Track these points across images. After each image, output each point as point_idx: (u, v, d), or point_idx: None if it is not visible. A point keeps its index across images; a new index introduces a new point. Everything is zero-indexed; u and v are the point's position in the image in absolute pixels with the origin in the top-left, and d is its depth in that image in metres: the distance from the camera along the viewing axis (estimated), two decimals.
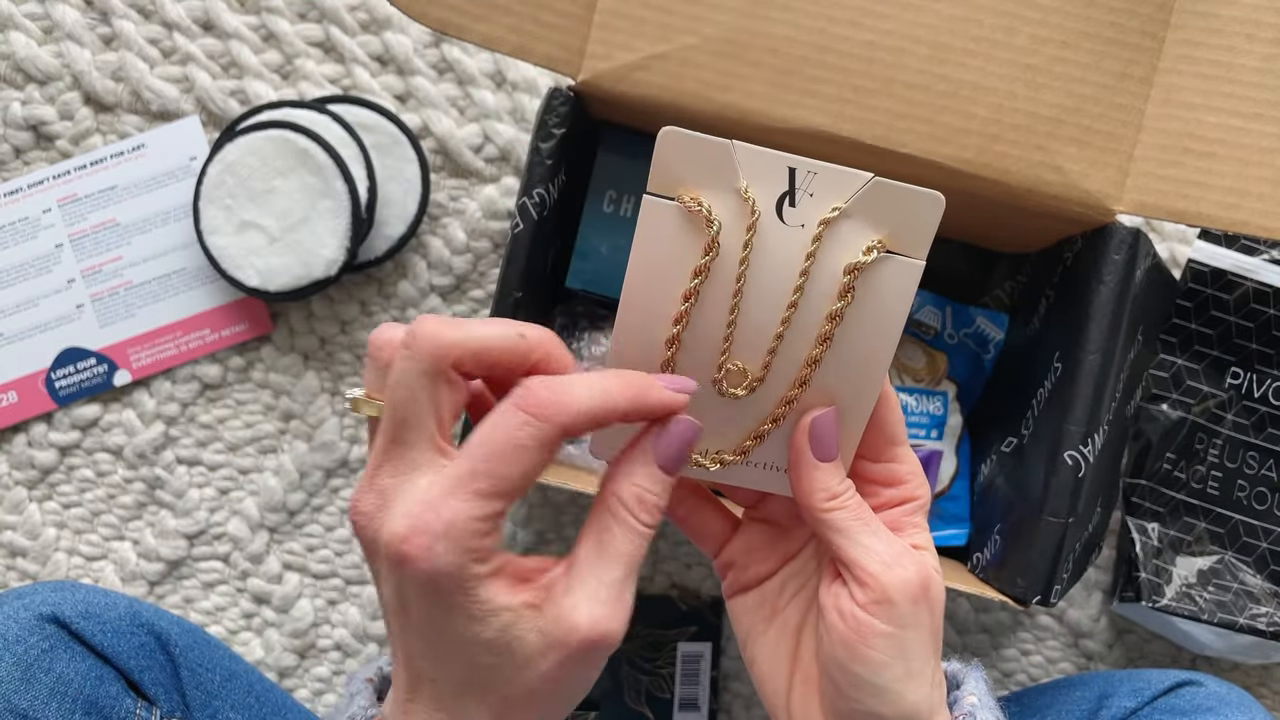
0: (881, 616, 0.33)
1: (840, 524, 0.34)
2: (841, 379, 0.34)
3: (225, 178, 0.64)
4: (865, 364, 0.34)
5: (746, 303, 0.33)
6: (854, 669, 0.34)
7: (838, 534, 0.34)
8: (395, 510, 0.29)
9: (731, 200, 0.32)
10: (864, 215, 0.32)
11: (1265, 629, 0.64)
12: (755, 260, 0.33)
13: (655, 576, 0.70)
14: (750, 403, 0.35)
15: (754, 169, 0.32)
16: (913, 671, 0.34)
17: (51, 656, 0.44)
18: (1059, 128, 0.50)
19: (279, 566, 0.70)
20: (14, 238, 0.67)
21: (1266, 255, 0.66)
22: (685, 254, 0.33)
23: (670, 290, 0.33)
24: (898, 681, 0.34)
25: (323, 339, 0.69)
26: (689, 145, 0.32)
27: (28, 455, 0.69)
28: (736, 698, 0.71)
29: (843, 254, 0.33)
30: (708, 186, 0.32)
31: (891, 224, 0.32)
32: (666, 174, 0.32)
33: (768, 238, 0.33)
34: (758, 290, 0.33)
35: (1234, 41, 0.49)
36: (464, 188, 0.68)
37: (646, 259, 0.33)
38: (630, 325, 0.34)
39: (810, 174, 0.32)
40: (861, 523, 0.35)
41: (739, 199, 0.32)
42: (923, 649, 0.34)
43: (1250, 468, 0.67)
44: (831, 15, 0.49)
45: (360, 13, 0.68)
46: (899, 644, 0.34)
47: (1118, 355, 0.53)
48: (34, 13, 0.67)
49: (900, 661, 0.34)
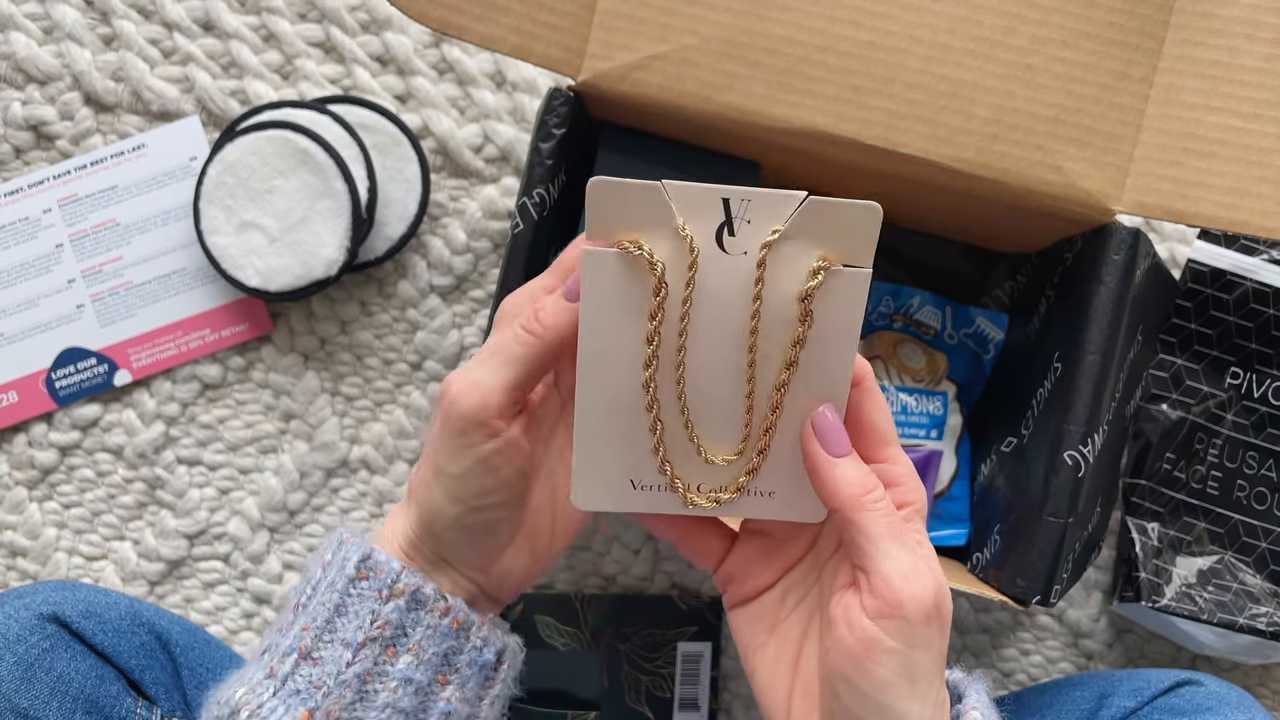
0: (892, 632, 0.33)
1: (870, 528, 0.34)
2: (810, 396, 0.35)
3: (225, 178, 0.64)
4: (831, 377, 0.35)
5: (703, 336, 0.34)
6: (859, 684, 0.33)
7: (866, 539, 0.34)
8: None
9: (672, 240, 0.33)
10: (804, 234, 0.32)
11: (1265, 629, 0.64)
12: (704, 295, 0.33)
13: (655, 576, 0.70)
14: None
15: (689, 205, 0.32)
16: (918, 691, 0.33)
17: (52, 656, 0.44)
18: (1059, 128, 0.50)
19: (279, 566, 0.70)
20: (14, 238, 0.67)
21: (1266, 255, 0.66)
22: (635, 298, 0.33)
23: (627, 337, 0.34)
24: (901, 700, 0.33)
25: (323, 339, 0.69)
26: (620, 192, 0.32)
27: (28, 455, 0.69)
28: (736, 698, 0.71)
29: (791, 274, 0.33)
30: (646, 230, 0.32)
31: (833, 239, 0.33)
32: (602, 223, 0.32)
33: (713, 270, 0.33)
34: (713, 323, 0.34)
35: (1234, 41, 0.49)
36: (464, 188, 0.68)
37: (598, 311, 0.33)
38: (593, 379, 0.34)
39: (745, 201, 0.32)
40: (890, 530, 0.34)
41: (678, 237, 0.32)
42: (929, 668, 0.34)
43: (1250, 468, 0.67)
44: (831, 15, 0.49)
45: (360, 13, 0.68)
46: (906, 662, 0.33)
47: (1117, 355, 0.53)
48: (34, 13, 0.67)
49: (905, 681, 0.33)
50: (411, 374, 0.69)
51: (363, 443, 0.69)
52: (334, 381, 0.69)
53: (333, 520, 0.70)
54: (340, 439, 0.69)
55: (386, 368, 0.69)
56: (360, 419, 0.69)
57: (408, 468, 0.70)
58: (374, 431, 0.69)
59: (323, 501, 0.70)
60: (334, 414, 0.69)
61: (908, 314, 0.66)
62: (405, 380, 0.69)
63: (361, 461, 0.70)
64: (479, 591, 0.40)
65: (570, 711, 0.67)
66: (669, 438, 0.35)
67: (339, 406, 0.69)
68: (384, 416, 0.69)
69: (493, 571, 0.40)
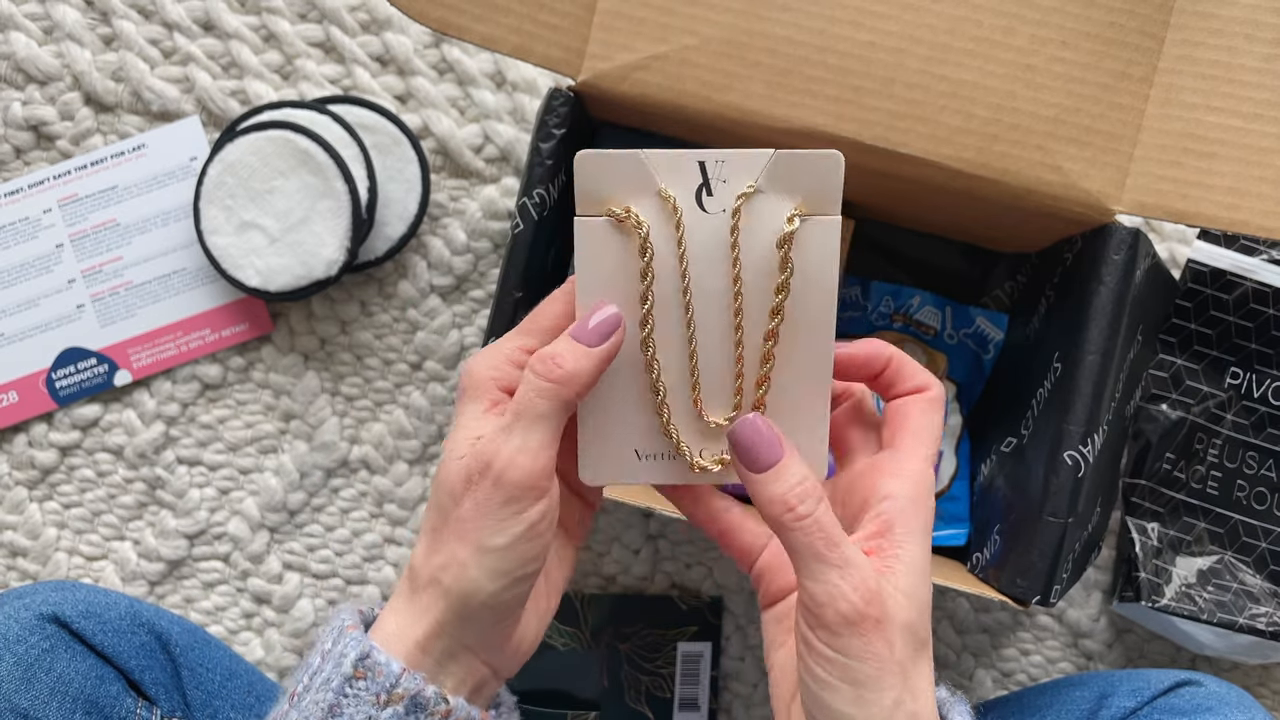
0: (826, 642, 0.33)
1: (795, 543, 0.33)
2: (797, 347, 0.36)
3: (225, 178, 0.64)
4: (815, 327, 0.36)
5: (694, 295, 0.36)
6: (809, 685, 0.34)
7: (794, 554, 0.34)
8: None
9: (655, 203, 0.35)
10: (776, 188, 0.35)
11: (1265, 629, 0.64)
12: (690, 254, 0.35)
13: (655, 576, 0.70)
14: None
15: (668, 170, 0.35)
16: (864, 699, 0.33)
17: (52, 656, 0.44)
18: (1059, 128, 0.50)
19: (279, 566, 0.70)
20: (14, 238, 0.67)
21: (1266, 255, 0.66)
22: (626, 262, 0.35)
23: (622, 302, 0.35)
24: (848, 705, 0.33)
25: (323, 339, 0.69)
26: (604, 162, 0.35)
27: (28, 455, 0.69)
28: (736, 698, 0.71)
29: (768, 227, 0.35)
30: (631, 197, 0.35)
31: (803, 190, 0.35)
32: (590, 195, 0.35)
33: (695, 229, 0.35)
34: (699, 280, 0.35)
35: (1234, 41, 0.49)
36: (464, 188, 0.68)
37: (592, 276, 0.36)
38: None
39: (719, 163, 0.35)
40: (813, 546, 0.33)
41: (660, 200, 0.35)
42: (877, 677, 0.33)
43: (1250, 468, 0.67)
44: (831, 15, 0.49)
45: (360, 13, 0.68)
46: (846, 671, 0.33)
47: (1117, 355, 0.53)
48: (34, 13, 0.67)
49: (849, 687, 0.33)
50: (411, 374, 0.69)
51: (363, 443, 0.69)
52: (334, 381, 0.69)
53: (332, 520, 0.70)
54: (340, 439, 0.69)
55: (386, 368, 0.69)
56: (360, 419, 0.69)
57: (407, 468, 0.70)
58: (374, 431, 0.69)
59: (323, 501, 0.70)
60: (334, 414, 0.69)
61: (908, 314, 0.66)
62: (405, 380, 0.69)
63: (361, 461, 0.70)
64: (490, 672, 0.38)
65: (570, 711, 0.67)
66: (672, 400, 0.36)
67: (339, 406, 0.69)
68: (384, 416, 0.69)
69: (508, 647, 0.38)
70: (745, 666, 0.70)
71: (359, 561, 0.70)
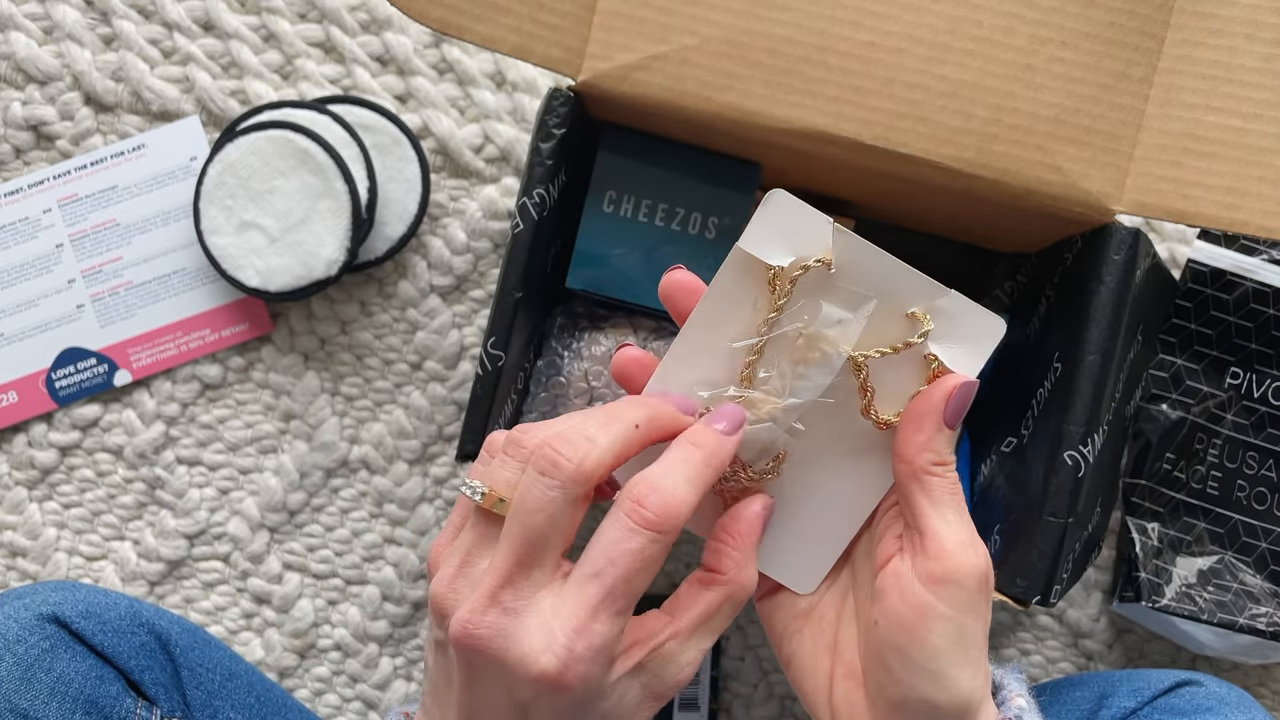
0: (945, 598, 0.33)
1: (935, 490, 0.34)
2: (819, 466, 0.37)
3: (225, 178, 0.64)
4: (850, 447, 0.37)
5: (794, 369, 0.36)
6: (911, 653, 0.34)
7: (928, 500, 0.34)
8: (535, 639, 0.30)
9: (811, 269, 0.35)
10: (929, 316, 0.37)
11: (1265, 629, 0.64)
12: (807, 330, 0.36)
13: (655, 576, 0.70)
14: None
15: (845, 253, 0.36)
16: (970, 658, 0.34)
17: (52, 656, 0.44)
18: (1059, 128, 0.50)
19: (279, 566, 0.70)
20: (14, 238, 0.67)
21: (1266, 255, 0.66)
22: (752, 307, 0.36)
23: (727, 332, 0.36)
24: (954, 667, 0.33)
25: (323, 339, 0.69)
26: (793, 211, 0.35)
27: (28, 455, 0.69)
28: (736, 698, 0.71)
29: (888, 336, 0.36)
30: (798, 252, 0.35)
31: (956, 338, 0.36)
32: (764, 234, 0.35)
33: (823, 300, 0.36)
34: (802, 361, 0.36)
35: (1234, 41, 0.49)
36: (464, 188, 0.68)
37: (717, 297, 0.36)
38: (681, 354, 0.37)
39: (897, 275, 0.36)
40: (954, 498, 0.34)
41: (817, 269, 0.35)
42: (979, 637, 0.34)
43: (1250, 468, 0.67)
44: (831, 15, 0.49)
45: (360, 13, 0.68)
46: (959, 629, 0.33)
47: (1117, 355, 0.53)
48: (34, 13, 0.67)
49: (959, 648, 0.33)
50: (411, 374, 0.69)
51: (363, 443, 0.69)
52: (334, 381, 0.69)
53: (332, 520, 0.70)
54: (340, 439, 0.69)
55: (386, 368, 0.69)
56: (360, 419, 0.69)
57: (407, 468, 0.70)
58: (374, 431, 0.69)
59: (323, 501, 0.70)
60: (334, 414, 0.69)
61: None
62: (405, 380, 0.69)
63: (361, 461, 0.70)
64: None
65: None
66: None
67: (339, 406, 0.69)
68: (384, 416, 0.69)
69: None
70: (745, 666, 0.70)
71: (359, 561, 0.70)
